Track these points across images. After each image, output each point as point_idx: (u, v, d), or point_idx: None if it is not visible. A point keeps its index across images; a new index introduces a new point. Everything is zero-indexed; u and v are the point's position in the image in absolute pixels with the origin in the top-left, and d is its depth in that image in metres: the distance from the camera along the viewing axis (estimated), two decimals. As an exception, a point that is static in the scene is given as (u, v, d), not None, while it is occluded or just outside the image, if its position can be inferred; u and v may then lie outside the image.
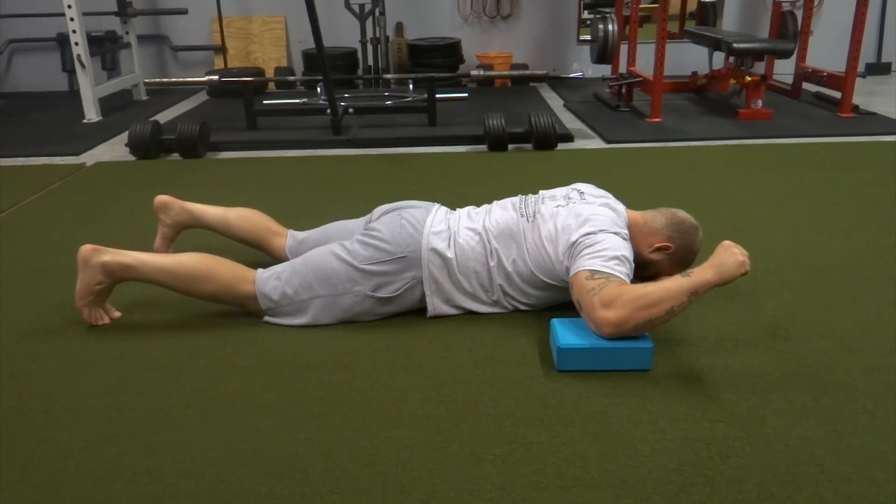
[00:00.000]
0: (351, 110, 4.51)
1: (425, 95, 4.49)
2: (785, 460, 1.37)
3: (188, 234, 2.35)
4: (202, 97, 5.89)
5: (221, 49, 6.13)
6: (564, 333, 1.72)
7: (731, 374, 1.67)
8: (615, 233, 1.82)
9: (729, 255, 1.64)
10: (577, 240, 1.81)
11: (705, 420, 1.50)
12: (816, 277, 2.20)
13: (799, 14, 5.12)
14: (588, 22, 6.16)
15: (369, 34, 5.65)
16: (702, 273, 1.64)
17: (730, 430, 1.47)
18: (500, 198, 2.11)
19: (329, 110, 4.25)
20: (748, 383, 1.63)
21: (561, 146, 3.99)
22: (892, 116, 4.53)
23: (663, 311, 1.63)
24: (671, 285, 1.64)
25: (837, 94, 4.66)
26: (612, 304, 1.64)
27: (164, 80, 5.93)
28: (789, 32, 5.10)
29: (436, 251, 1.91)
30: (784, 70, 5.47)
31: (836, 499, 1.27)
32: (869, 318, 1.93)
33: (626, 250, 1.79)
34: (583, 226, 1.83)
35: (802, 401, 1.56)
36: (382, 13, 5.68)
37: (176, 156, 3.97)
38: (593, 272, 1.72)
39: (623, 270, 1.74)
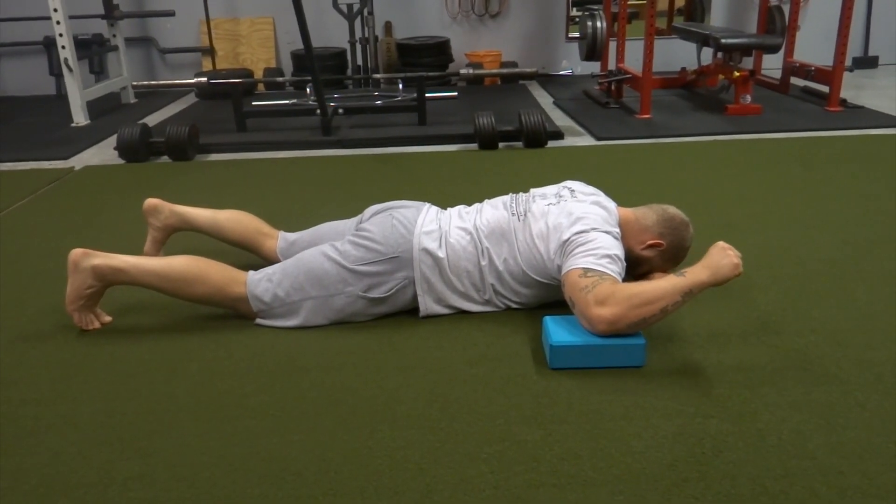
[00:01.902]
0: (340, 111, 4.50)
1: (415, 95, 4.49)
2: (777, 454, 1.38)
3: (178, 237, 2.34)
4: (191, 99, 5.87)
5: (210, 51, 6.11)
6: (557, 331, 1.72)
7: (724, 370, 1.67)
8: (607, 232, 1.82)
9: (723, 257, 1.65)
10: (569, 238, 1.81)
11: (698, 415, 1.51)
12: (807, 271, 2.21)
13: (786, 9, 5.14)
14: (577, 19, 6.17)
15: (358, 34, 5.64)
16: (696, 273, 1.65)
17: (723, 425, 1.47)
18: (491, 196, 2.11)
19: (319, 111, 4.24)
20: (740, 378, 1.64)
21: (551, 144, 3.99)
22: (879, 110, 4.55)
23: (657, 310, 1.63)
24: (666, 284, 1.65)
25: (825, 89, 4.68)
26: (607, 301, 1.65)
27: (153, 82, 5.91)
28: (777, 27, 5.13)
29: (427, 251, 1.90)
30: (772, 65, 5.48)
31: (828, 492, 1.28)
32: (860, 312, 1.94)
33: (617, 249, 1.80)
34: (574, 224, 1.83)
35: (794, 395, 1.57)
36: (371, 13, 5.67)
37: (165, 159, 3.95)
38: (586, 270, 1.72)
39: (615, 269, 1.74)
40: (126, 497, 1.32)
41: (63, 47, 4.63)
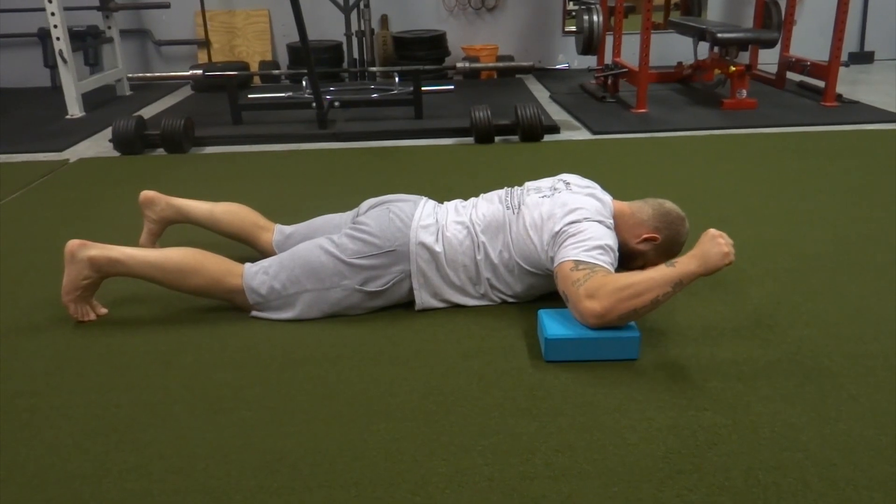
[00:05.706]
0: (336, 104, 4.48)
1: (411, 88, 4.48)
2: (770, 446, 1.39)
3: (174, 230, 2.34)
4: (186, 92, 5.85)
5: (205, 43, 6.09)
6: (552, 324, 1.72)
7: (717, 363, 1.68)
8: (599, 221, 1.82)
9: (713, 246, 1.62)
10: (561, 228, 1.81)
11: (692, 408, 1.51)
12: (801, 265, 2.22)
13: (782, 4, 5.14)
14: (573, 13, 6.16)
15: (354, 27, 5.62)
16: (686, 263, 1.63)
17: (716, 417, 1.48)
18: (487, 190, 2.12)
19: (314, 104, 4.23)
20: (734, 371, 1.64)
21: (547, 137, 4.00)
22: (875, 105, 4.56)
23: (648, 301, 1.63)
24: (655, 275, 1.65)
25: (821, 84, 4.68)
26: (597, 294, 1.65)
27: (148, 74, 5.88)
28: (773, 22, 5.13)
29: (424, 245, 1.91)
30: (768, 60, 5.49)
31: (820, 483, 1.29)
32: (852, 305, 1.95)
33: (609, 239, 1.80)
34: (567, 215, 1.83)
35: (787, 387, 1.58)
36: (367, 6, 5.66)
37: (160, 151, 3.94)
38: (577, 263, 1.72)
39: (607, 260, 1.75)
40: (121, 488, 1.33)
41: (58, 39, 4.60)
